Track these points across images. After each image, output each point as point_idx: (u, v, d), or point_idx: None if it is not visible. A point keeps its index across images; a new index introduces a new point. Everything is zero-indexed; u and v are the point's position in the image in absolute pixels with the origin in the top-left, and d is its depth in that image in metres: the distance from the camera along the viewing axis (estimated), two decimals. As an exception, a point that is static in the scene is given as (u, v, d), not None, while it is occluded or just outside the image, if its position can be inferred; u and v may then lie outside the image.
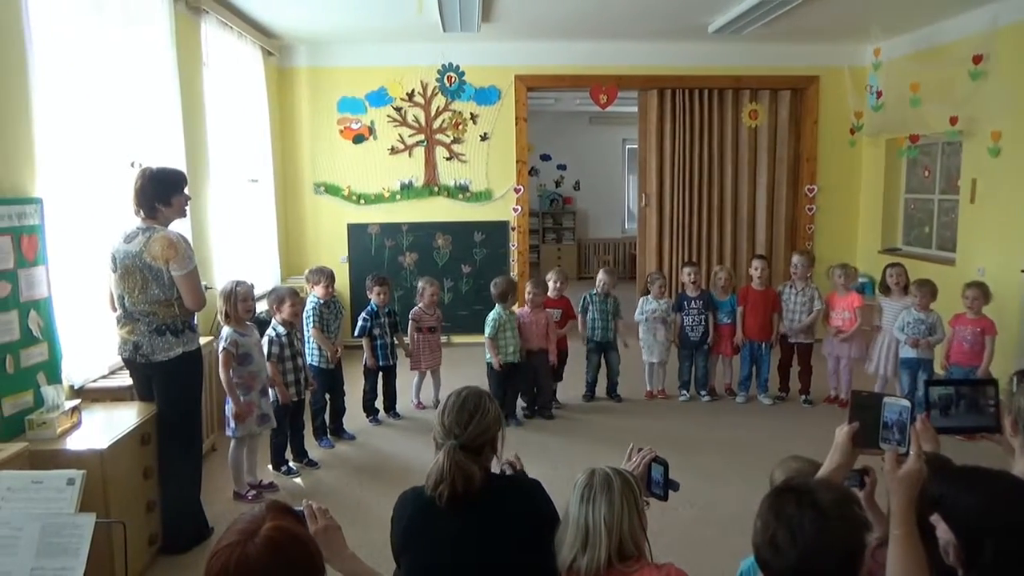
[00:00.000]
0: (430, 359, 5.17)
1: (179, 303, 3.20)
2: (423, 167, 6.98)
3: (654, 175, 7.24)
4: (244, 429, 3.74)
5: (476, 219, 7.06)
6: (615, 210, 12.24)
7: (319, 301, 4.52)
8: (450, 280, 7.10)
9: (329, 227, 7.00)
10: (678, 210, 7.24)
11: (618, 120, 11.09)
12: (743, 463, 4.26)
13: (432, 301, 5.13)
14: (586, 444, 4.57)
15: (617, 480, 1.68)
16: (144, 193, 3.19)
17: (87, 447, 2.92)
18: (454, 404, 1.93)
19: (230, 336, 3.67)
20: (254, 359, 3.76)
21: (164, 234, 3.16)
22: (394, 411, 5.09)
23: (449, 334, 6.95)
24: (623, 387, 5.54)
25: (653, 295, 5.44)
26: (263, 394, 3.83)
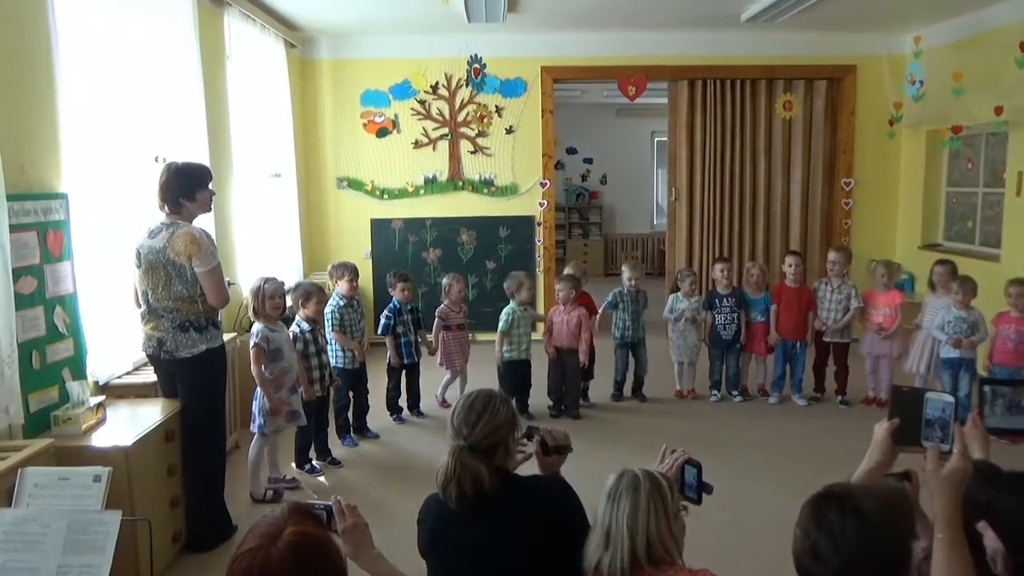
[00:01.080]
0: (462, 357, 5.18)
1: (202, 300, 3.23)
2: (447, 161, 6.99)
3: (684, 168, 7.17)
4: (273, 425, 3.77)
5: (501, 214, 7.05)
6: (643, 205, 12.18)
7: (340, 303, 4.54)
8: (474, 276, 7.11)
9: (352, 222, 7.04)
10: (709, 205, 7.17)
11: (647, 112, 11.01)
12: (777, 466, 4.21)
13: (459, 298, 5.14)
14: (614, 445, 4.56)
15: (646, 482, 1.66)
16: (168, 188, 3.23)
17: (112, 444, 2.96)
18: (463, 405, 1.93)
19: (261, 332, 3.71)
20: (285, 355, 3.79)
21: (187, 230, 3.19)
22: (418, 409, 5.11)
23: (473, 331, 6.93)
24: (652, 386, 5.51)
25: (683, 292, 5.39)
26: (293, 391, 3.87)
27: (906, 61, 6.74)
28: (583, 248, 12.00)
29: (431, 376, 5.31)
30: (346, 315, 4.55)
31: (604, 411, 5.22)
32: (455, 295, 5.10)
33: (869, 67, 6.90)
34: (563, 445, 2.13)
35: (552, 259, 7.25)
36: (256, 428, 3.78)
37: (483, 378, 5.08)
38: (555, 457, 2.12)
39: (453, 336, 5.12)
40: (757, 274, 5.35)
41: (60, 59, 3.24)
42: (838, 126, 7.07)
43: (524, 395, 5.04)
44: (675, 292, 5.45)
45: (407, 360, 4.94)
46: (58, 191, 3.22)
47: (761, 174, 7.12)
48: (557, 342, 4.99)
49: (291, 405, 3.84)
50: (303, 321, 4.07)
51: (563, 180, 11.94)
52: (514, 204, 7.05)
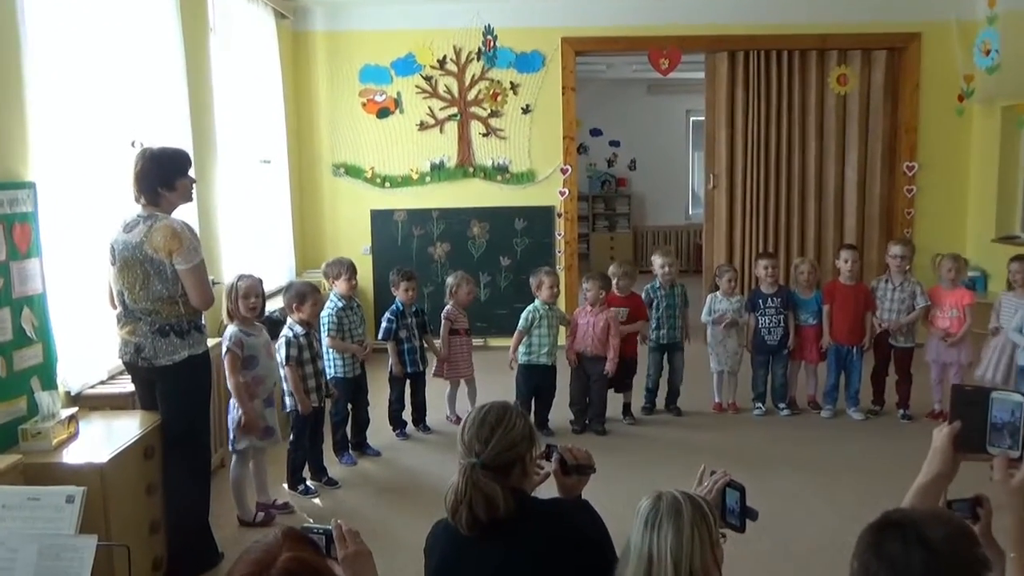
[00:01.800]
0: (469, 365, 5.20)
1: (184, 301, 3.27)
2: (456, 145, 7.00)
3: (724, 152, 7.14)
4: (246, 442, 3.79)
5: (517, 204, 7.05)
6: (677, 193, 12.13)
7: (337, 304, 4.54)
8: (487, 274, 7.12)
9: (350, 214, 7.07)
10: (752, 192, 7.13)
11: (681, 88, 10.95)
12: (829, 489, 4.19)
13: (467, 300, 5.15)
14: (645, 465, 4.55)
15: (688, 506, 1.66)
16: (146, 176, 3.26)
17: (86, 460, 3.01)
18: (475, 419, 1.94)
19: (234, 336, 3.73)
20: (260, 362, 3.81)
21: (167, 223, 3.22)
22: (424, 424, 5.13)
23: (485, 336, 6.98)
24: (688, 398, 5.49)
25: (722, 291, 5.38)
26: (268, 403, 3.87)
27: (979, 27, 6.67)
28: (609, 242, 11.97)
29: (438, 386, 5.33)
30: (344, 319, 4.56)
31: (633, 426, 5.22)
32: (463, 297, 5.10)
33: (936, 35, 6.83)
34: (584, 464, 2.12)
35: (574, 255, 7.25)
36: (231, 446, 3.81)
37: (497, 388, 5.09)
38: (576, 478, 2.12)
39: (461, 341, 5.14)
40: (807, 271, 5.32)
41: (28, 36, 3.28)
42: (900, 102, 7.01)
43: (543, 407, 5.05)
44: (714, 292, 5.44)
45: (411, 369, 4.95)
46: (25, 180, 3.27)
47: (812, 158, 7.08)
48: (580, 347, 4.99)
49: (265, 420, 3.84)
50: (296, 324, 4.09)
51: (586, 166, 11.90)
52: (531, 193, 7.05)
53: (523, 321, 4.93)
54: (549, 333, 4.95)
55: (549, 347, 4.94)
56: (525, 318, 4.92)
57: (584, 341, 4.97)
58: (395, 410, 5.04)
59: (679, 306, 5.33)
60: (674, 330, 5.31)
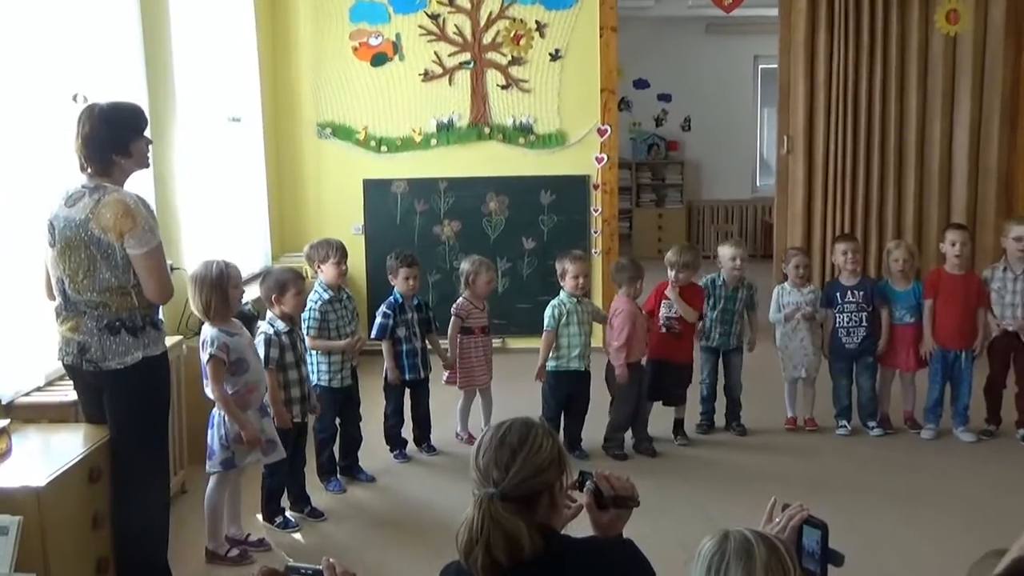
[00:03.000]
0: (486, 372, 5.20)
1: (137, 291, 3.28)
2: (469, 99, 6.99)
3: (801, 108, 7.10)
4: (247, 456, 3.83)
5: (543, 173, 7.03)
6: (742, 160, 12.06)
7: (323, 296, 4.56)
8: (506, 260, 7.12)
9: (338, 185, 7.08)
10: (836, 159, 7.08)
11: (749, 28, 10.89)
12: (931, 527, 4.16)
13: (487, 291, 5.15)
14: (702, 495, 4.55)
15: (760, 548, 1.66)
16: (95, 140, 3.28)
17: (20, 484, 3.03)
18: (492, 439, 1.94)
19: (217, 339, 3.74)
20: (250, 364, 3.84)
21: (118, 197, 3.24)
22: (428, 443, 5.14)
23: (504, 336, 6.98)
24: (755, 413, 5.46)
25: (791, 281, 5.36)
26: (264, 412, 3.92)
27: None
28: (656, 220, 11.89)
29: (445, 396, 5.33)
30: (331, 313, 4.57)
31: (686, 447, 5.21)
32: (482, 286, 5.10)
33: (1070, -39, 6.74)
34: (625, 496, 2.13)
35: (614, 236, 7.23)
36: (216, 465, 3.84)
37: (518, 400, 5.09)
38: (614, 513, 2.13)
39: (475, 342, 5.14)
40: (903, 257, 5.29)
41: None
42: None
43: (575, 423, 5.04)
44: (782, 283, 5.42)
45: (411, 375, 4.95)
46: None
47: (912, 115, 7.02)
48: (628, 350, 4.95)
49: (265, 432, 3.89)
50: (277, 320, 4.11)
51: (629, 126, 11.85)
52: (561, 159, 7.03)
53: (549, 319, 4.93)
54: (581, 332, 4.95)
55: (581, 348, 4.94)
56: (551, 315, 4.93)
57: (631, 344, 4.93)
58: (392, 426, 5.05)
59: (738, 311, 5.32)
60: (729, 336, 5.31)
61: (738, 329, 5.32)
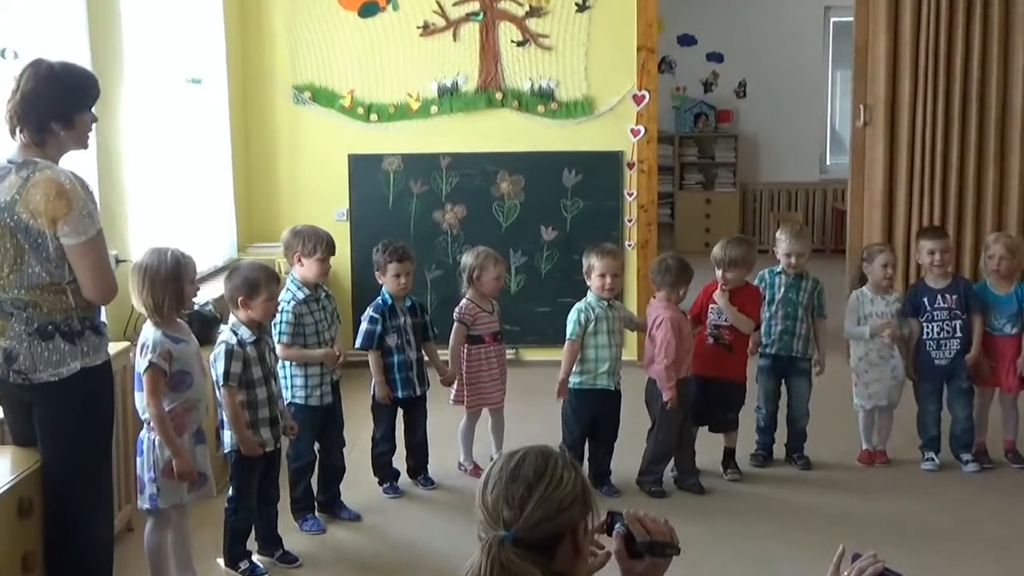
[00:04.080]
0: (499, 388, 5.20)
1: (74, 289, 3.29)
2: (477, 58, 7.01)
3: (883, 72, 7.07)
4: (174, 496, 3.79)
5: (567, 148, 7.03)
6: (808, 134, 12.04)
7: (298, 295, 4.54)
8: (521, 253, 7.13)
9: (318, 160, 7.09)
10: (924, 134, 7.05)
11: (817, -26, 10.94)
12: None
13: (495, 289, 5.14)
14: (755, 540, 4.53)
15: None
16: (36, 100, 3.27)
17: (-68, 519, 3.06)
18: (502, 471, 1.95)
19: (159, 343, 3.71)
20: (194, 379, 3.82)
21: (51, 176, 3.24)
22: (425, 475, 5.15)
23: (517, 345, 6.98)
24: (821, 444, 5.44)
25: (872, 285, 5.32)
26: (198, 439, 3.89)
27: None
28: (704, 207, 11.83)
29: (445, 418, 5.31)
30: (307, 316, 4.57)
31: (738, 483, 5.19)
32: (488, 284, 5.10)
33: None
34: (662, 542, 2.13)
35: (652, 225, 7.23)
36: (146, 501, 3.81)
37: (534, 423, 5.10)
38: (649, 562, 2.13)
39: (483, 353, 5.14)
40: (1001, 254, 5.26)
41: None
42: None
43: (603, 451, 5.03)
44: (859, 287, 5.38)
45: (404, 392, 4.94)
46: None
47: (1018, 81, 6.98)
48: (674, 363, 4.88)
49: (198, 464, 3.83)
50: (241, 326, 4.10)
51: (672, 91, 11.85)
52: (589, 132, 7.03)
53: (573, 326, 4.91)
54: (611, 342, 4.94)
55: (611, 363, 4.93)
56: (575, 321, 4.91)
57: (677, 356, 4.87)
58: (382, 453, 5.04)
59: (804, 304, 5.27)
60: (795, 339, 5.26)
61: (803, 331, 5.27)
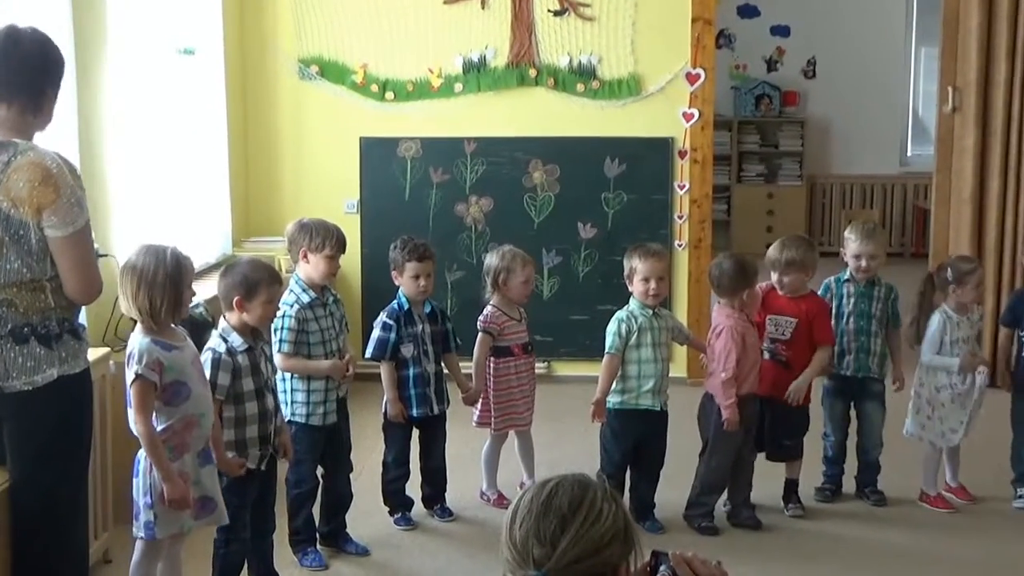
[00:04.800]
0: (528, 408, 5.21)
1: (55, 287, 3.32)
2: (508, 30, 7.02)
3: (975, 49, 7.04)
4: (173, 525, 3.80)
5: (610, 133, 7.05)
6: (887, 120, 12.03)
7: (303, 299, 4.53)
8: (555, 253, 7.13)
9: (326, 144, 7.12)
10: (1022, 122, 6.99)
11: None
12: None
13: (524, 294, 5.16)
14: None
15: None
16: (23, 68, 3.30)
17: None
18: (533, 503, 1.94)
19: (147, 352, 3.68)
20: (192, 391, 3.80)
21: (34, 158, 3.26)
22: (442, 505, 5.16)
23: (549, 359, 6.97)
24: (892, 472, 5.41)
25: (955, 303, 5.21)
26: (204, 459, 3.89)
27: None
28: (766, 202, 11.86)
29: (467, 440, 5.33)
30: (312, 323, 4.57)
31: (801, 520, 5.17)
32: (516, 288, 5.11)
33: None
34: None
35: (706, 223, 7.21)
36: (141, 529, 3.81)
37: (567, 448, 5.09)
38: None
39: (516, 367, 5.16)
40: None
41: None
42: None
43: (647, 481, 5.03)
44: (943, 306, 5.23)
45: (420, 410, 4.95)
46: None
47: None
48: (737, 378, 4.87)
49: (202, 487, 3.85)
50: (232, 332, 4.09)
51: (731, 69, 11.85)
52: (635, 115, 7.04)
53: (612, 338, 4.91)
54: (656, 356, 4.92)
55: (657, 380, 4.92)
56: (615, 332, 4.91)
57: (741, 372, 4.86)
58: (393, 480, 5.05)
59: (880, 317, 5.26)
60: (870, 356, 5.24)
61: (878, 347, 5.24)
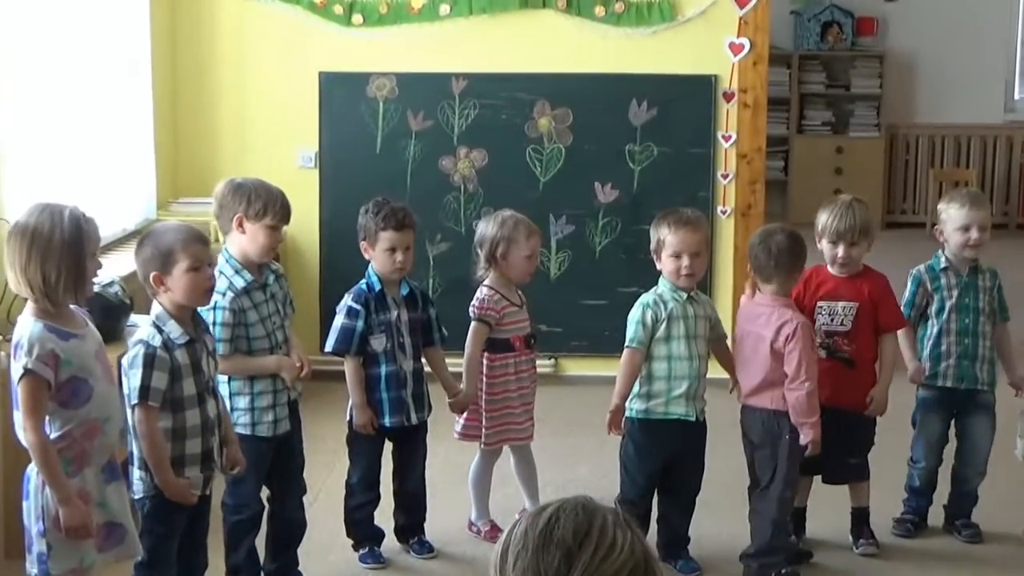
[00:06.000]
0: (528, 418, 5.29)
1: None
2: (506, -59, 7.07)
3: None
4: (71, 559, 3.81)
5: (637, 69, 7.11)
6: (988, 57, 12.19)
7: (235, 283, 4.55)
8: (565, 220, 7.19)
9: (276, 80, 7.20)
10: None
11: None
12: None
13: (527, 269, 5.20)
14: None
15: None
16: None
17: None
18: (527, 534, 1.93)
19: (41, 341, 3.72)
20: (94, 390, 3.82)
21: None
22: (419, 537, 5.21)
23: (556, 354, 7.02)
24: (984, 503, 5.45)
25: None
26: (110, 475, 3.91)
27: None
28: (833, 157, 12.04)
29: (451, 455, 5.42)
30: (251, 312, 4.60)
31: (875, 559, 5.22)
32: (519, 264, 5.18)
33: None
34: None
35: (758, 184, 7.25)
36: (35, 565, 3.84)
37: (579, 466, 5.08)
38: None
39: (515, 365, 5.23)
40: None
41: None
42: None
43: (678, 508, 5.06)
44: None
45: (394, 419, 5.03)
46: None
47: None
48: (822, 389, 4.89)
49: (108, 510, 3.87)
50: (170, 320, 4.10)
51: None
52: (668, 46, 7.09)
53: (636, 328, 4.94)
54: (691, 352, 4.94)
55: (691, 382, 4.95)
56: (639, 321, 4.94)
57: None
58: (360, 506, 5.12)
59: (987, 312, 5.28)
60: (977, 363, 5.26)
61: (987, 350, 5.28)
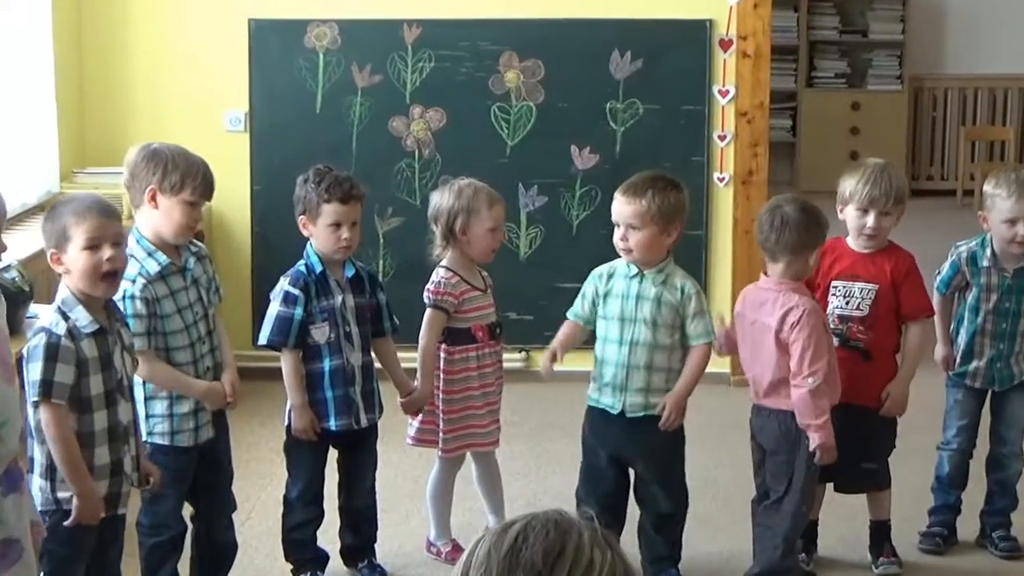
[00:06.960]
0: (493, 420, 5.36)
1: None
2: None
3: None
4: None
5: (618, 14, 7.17)
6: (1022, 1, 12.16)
7: (147, 269, 4.56)
8: (536, 190, 7.25)
9: (198, 29, 7.24)
10: None
11: None
12: None
13: (490, 247, 5.27)
14: None
15: None
16: None
17: None
18: (489, 556, 1.97)
19: None
20: None
21: None
22: (370, 561, 5.26)
23: (528, 346, 7.11)
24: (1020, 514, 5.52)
25: None
26: (9, 486, 3.89)
27: None
28: (849, 115, 12.11)
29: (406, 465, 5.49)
30: (167, 301, 4.63)
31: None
32: (481, 241, 5.24)
33: None
34: None
35: (761, 147, 7.33)
36: None
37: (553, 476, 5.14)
38: None
39: (477, 358, 5.29)
40: None
41: None
42: None
43: (653, 520, 5.10)
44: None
45: (340, 423, 5.07)
46: None
47: None
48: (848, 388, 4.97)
49: (5, 525, 3.85)
50: (79, 306, 4.13)
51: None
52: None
53: (578, 299, 5.16)
54: (622, 337, 5.05)
55: (617, 370, 5.07)
56: (581, 291, 5.15)
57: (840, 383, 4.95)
58: (300, 525, 5.14)
59: None
60: (1010, 361, 5.33)
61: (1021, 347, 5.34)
